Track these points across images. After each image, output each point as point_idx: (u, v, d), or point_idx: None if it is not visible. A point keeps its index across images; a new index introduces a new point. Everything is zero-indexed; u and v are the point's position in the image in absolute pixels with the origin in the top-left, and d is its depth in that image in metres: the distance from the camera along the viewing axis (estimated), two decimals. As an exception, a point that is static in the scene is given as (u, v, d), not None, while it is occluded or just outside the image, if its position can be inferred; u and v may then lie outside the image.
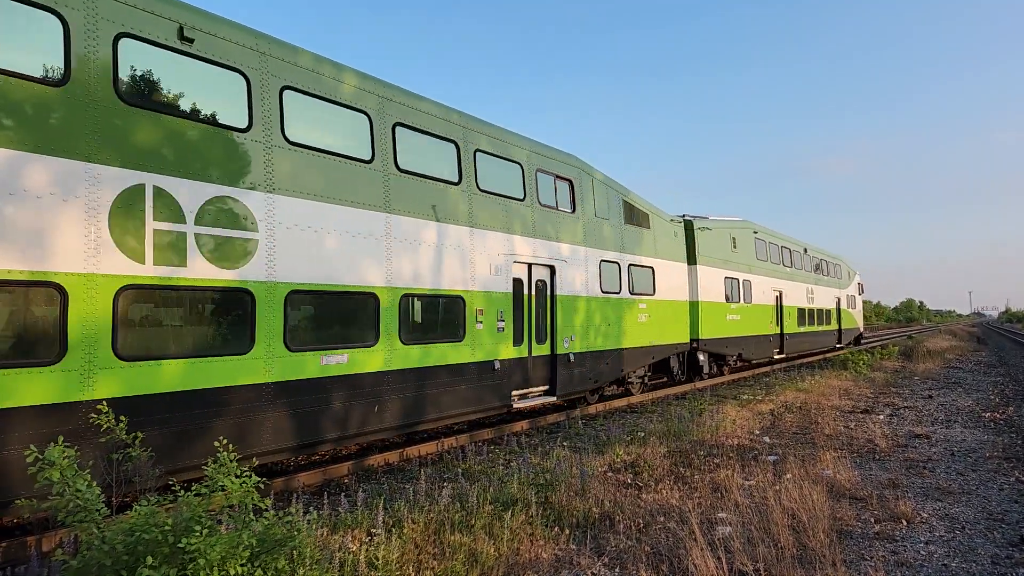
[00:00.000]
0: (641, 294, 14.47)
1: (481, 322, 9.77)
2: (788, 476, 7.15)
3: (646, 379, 15.57)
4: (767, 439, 9.76)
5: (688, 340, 16.76)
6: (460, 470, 7.96)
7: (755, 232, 21.97)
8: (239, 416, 6.61)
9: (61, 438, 4.13)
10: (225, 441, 4.82)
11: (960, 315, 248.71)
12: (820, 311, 28.34)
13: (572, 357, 11.88)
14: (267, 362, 6.90)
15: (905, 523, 5.93)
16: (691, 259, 17.45)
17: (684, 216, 18.19)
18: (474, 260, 9.76)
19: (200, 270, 6.30)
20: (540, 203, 11.47)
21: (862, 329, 39.45)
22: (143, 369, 5.87)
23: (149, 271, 5.90)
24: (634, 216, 14.67)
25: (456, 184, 9.59)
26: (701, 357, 17.82)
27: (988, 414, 12.14)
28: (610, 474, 7.43)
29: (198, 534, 3.51)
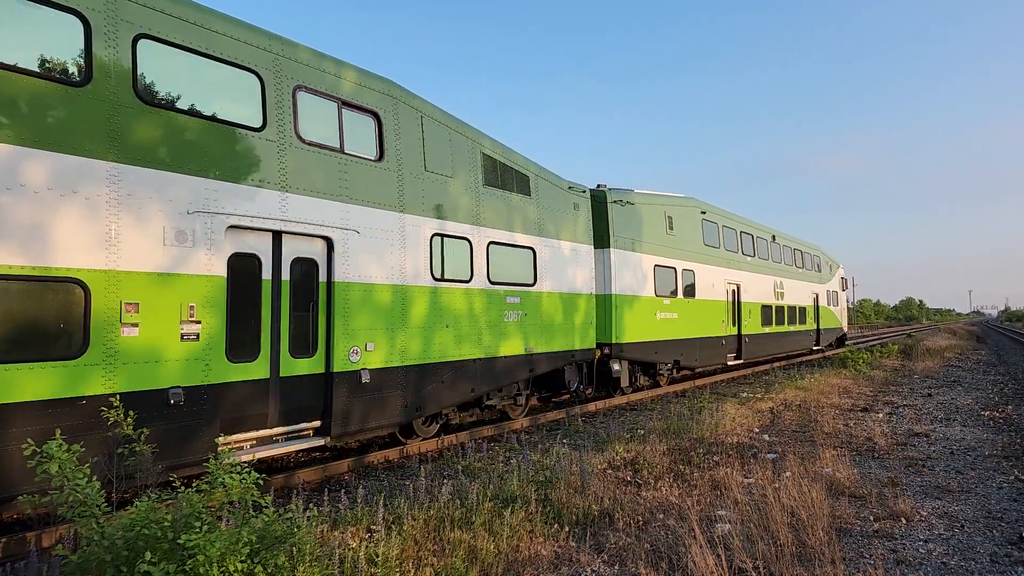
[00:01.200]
0: (511, 284, 10.80)
1: (135, 325, 6.06)
2: (787, 474, 7.15)
3: (525, 398, 11.81)
4: (767, 437, 9.77)
5: (594, 345, 13.12)
6: (460, 467, 7.97)
7: (703, 212, 18.15)
8: None
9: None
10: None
11: (960, 314, 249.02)
12: (792, 308, 24.69)
13: (367, 376, 8.14)
14: None
15: (904, 521, 5.93)
16: (602, 241, 13.76)
17: (598, 186, 14.32)
18: (119, 218, 6.00)
19: None
20: (302, 139, 7.72)
21: (846, 329, 35.08)
22: None
23: None
24: (502, 177, 10.84)
25: (80, 86, 5.86)
26: (616, 367, 13.88)
27: (987, 412, 12.15)
28: (610, 471, 7.44)
29: (198, 530, 3.52)
